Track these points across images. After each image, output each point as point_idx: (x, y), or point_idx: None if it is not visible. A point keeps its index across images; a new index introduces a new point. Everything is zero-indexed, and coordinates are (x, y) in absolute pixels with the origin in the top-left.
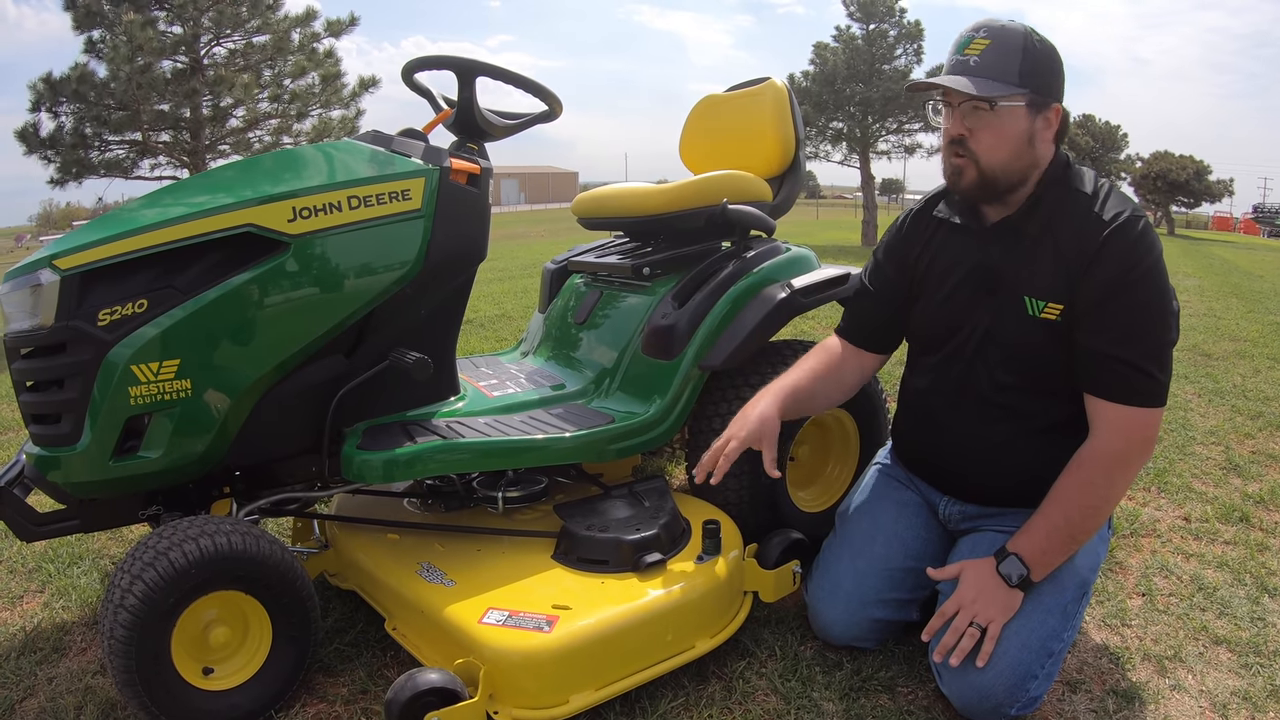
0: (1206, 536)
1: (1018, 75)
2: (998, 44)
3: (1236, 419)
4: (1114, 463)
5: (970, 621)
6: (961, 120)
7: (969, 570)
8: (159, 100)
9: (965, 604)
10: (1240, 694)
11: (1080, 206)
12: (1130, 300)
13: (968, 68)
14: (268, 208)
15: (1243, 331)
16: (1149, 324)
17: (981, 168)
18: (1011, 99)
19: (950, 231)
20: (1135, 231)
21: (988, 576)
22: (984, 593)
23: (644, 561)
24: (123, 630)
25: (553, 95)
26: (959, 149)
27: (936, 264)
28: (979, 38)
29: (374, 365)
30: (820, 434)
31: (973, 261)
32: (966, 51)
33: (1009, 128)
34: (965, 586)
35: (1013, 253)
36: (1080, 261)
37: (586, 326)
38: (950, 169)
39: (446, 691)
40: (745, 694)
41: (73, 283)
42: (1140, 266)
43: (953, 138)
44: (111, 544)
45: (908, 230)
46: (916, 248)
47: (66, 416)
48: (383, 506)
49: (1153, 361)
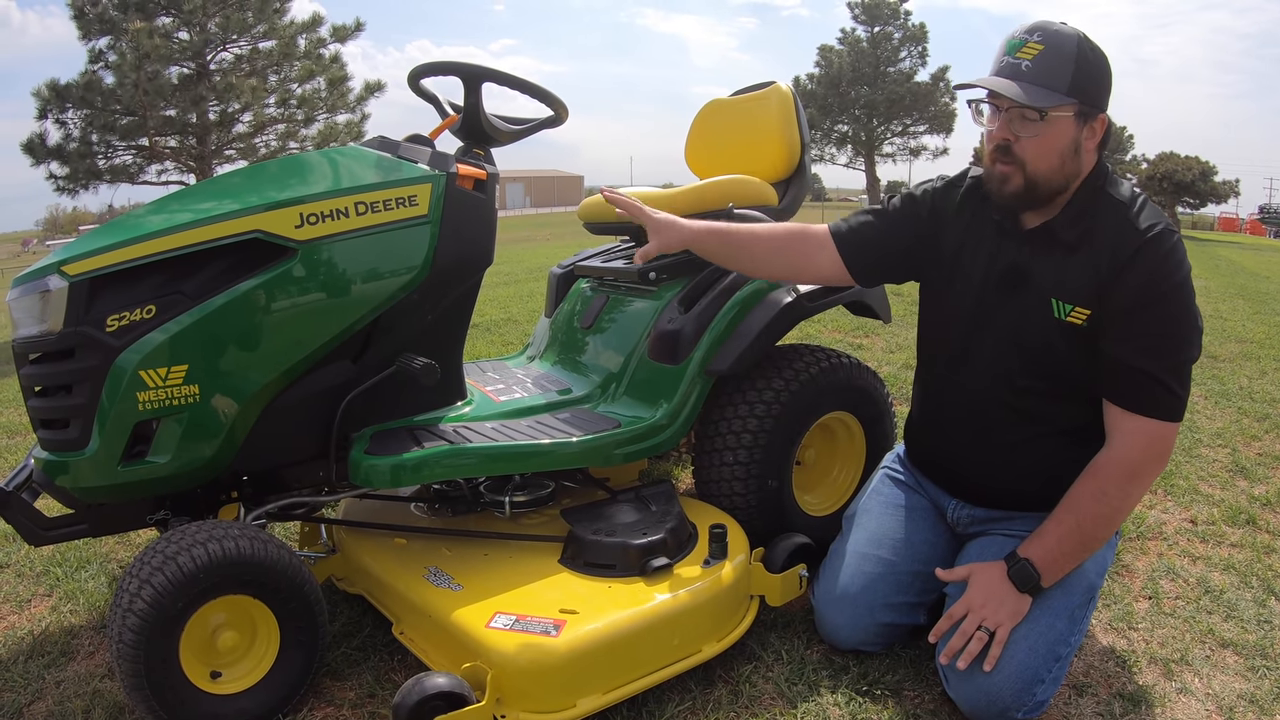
0: (1213, 539)
1: (1069, 84)
2: (1051, 50)
3: (1243, 421)
4: (1128, 473)
5: (979, 625)
6: (1008, 125)
7: (978, 574)
8: (166, 106)
9: (974, 607)
10: (1247, 697)
11: (1117, 214)
12: (1160, 312)
13: (1019, 72)
14: (275, 214)
15: (1249, 333)
16: (1175, 338)
17: (1027, 175)
18: (1061, 109)
19: (986, 225)
20: (1169, 244)
21: (998, 581)
22: (993, 597)
23: (651, 566)
24: (131, 634)
25: (558, 100)
26: (1004, 155)
27: (965, 253)
28: (1033, 41)
29: (381, 370)
30: (826, 438)
31: (1005, 260)
32: (1019, 54)
33: (1056, 137)
34: (974, 590)
35: (1046, 255)
36: (1113, 267)
37: (593, 331)
38: (996, 177)
39: (454, 695)
40: (752, 698)
41: (81, 288)
42: (1171, 280)
43: (998, 143)
44: (119, 548)
45: (949, 202)
46: (950, 223)
47: (75, 421)
48: (390, 511)
49: (1174, 376)
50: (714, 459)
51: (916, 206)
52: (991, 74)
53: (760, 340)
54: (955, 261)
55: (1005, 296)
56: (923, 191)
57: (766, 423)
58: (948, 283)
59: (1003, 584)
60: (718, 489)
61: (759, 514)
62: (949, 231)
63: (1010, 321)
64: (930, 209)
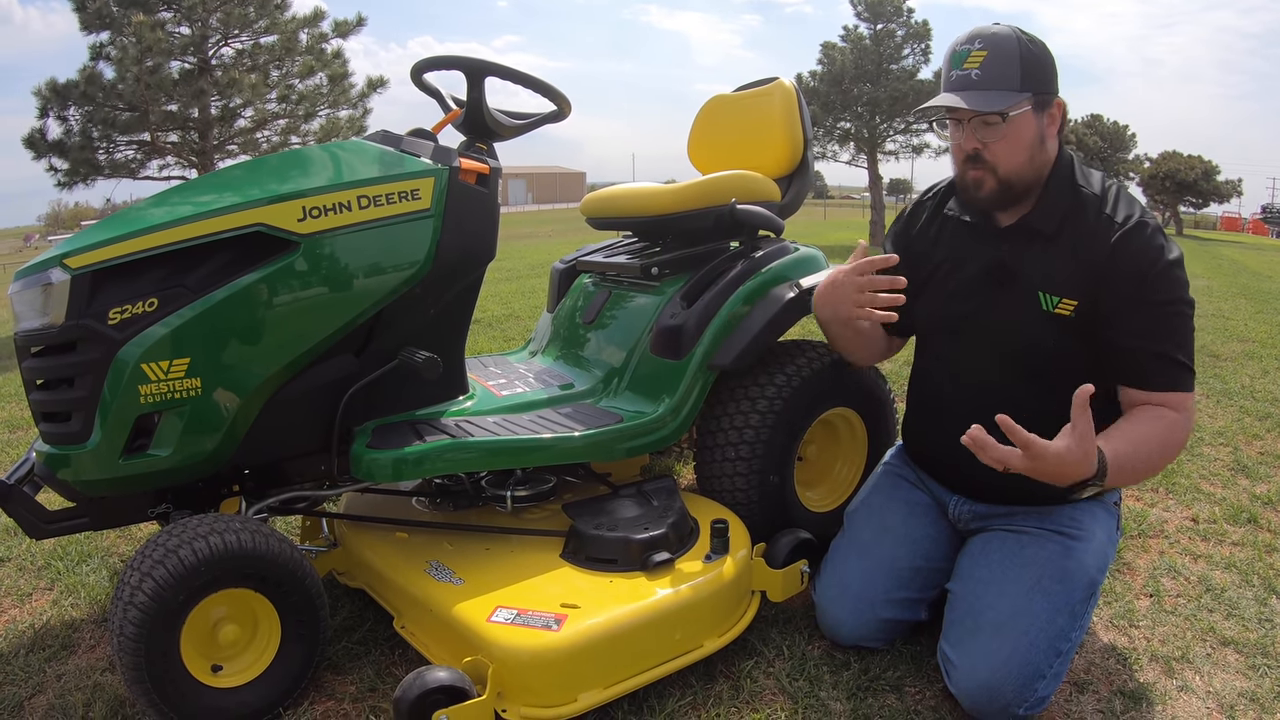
0: (1214, 538)
1: (1019, 81)
2: (995, 53)
3: (1245, 420)
4: (1176, 434)
5: (1009, 468)
6: (974, 134)
7: (1069, 447)
8: (167, 101)
9: (1036, 455)
10: (1248, 695)
11: (1091, 207)
12: (1160, 297)
13: (970, 82)
14: (278, 207)
15: (1251, 332)
16: (1180, 316)
17: (1000, 176)
18: (1018, 107)
19: (960, 227)
20: (1149, 231)
21: (1079, 464)
22: (1056, 467)
23: (652, 560)
24: (132, 627)
25: (561, 95)
26: (974, 164)
27: (945, 258)
28: (975, 50)
29: (383, 364)
30: (828, 433)
31: (985, 258)
32: (966, 65)
33: (1021, 134)
34: (1051, 453)
35: (1027, 249)
36: (1097, 261)
37: (595, 326)
38: (970, 183)
39: (455, 689)
40: (753, 693)
41: (83, 281)
42: (1160, 264)
43: (967, 154)
44: (120, 542)
45: (915, 222)
46: (923, 241)
47: (76, 415)
48: (391, 505)
49: (1185, 351)
50: (716, 454)
51: (912, 238)
52: (945, 90)
53: (763, 336)
54: (942, 269)
55: (994, 294)
56: (906, 216)
57: (768, 418)
58: (938, 288)
59: (1073, 471)
60: (719, 484)
61: (760, 509)
62: (930, 246)
63: (1001, 317)
64: (922, 230)
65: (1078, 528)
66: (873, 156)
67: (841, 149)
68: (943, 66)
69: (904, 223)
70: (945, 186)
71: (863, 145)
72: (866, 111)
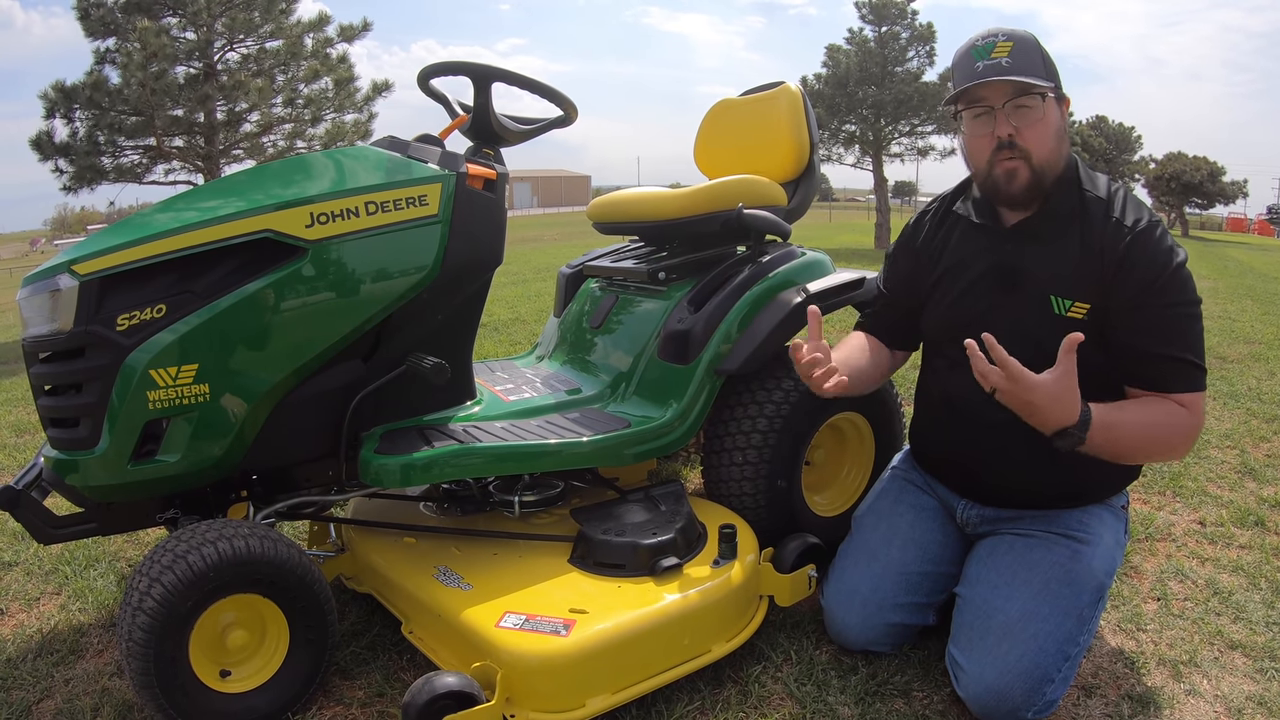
0: (1222, 541)
1: (1044, 70)
2: (1020, 45)
3: (1252, 422)
4: (1182, 424)
5: (997, 390)
6: (1006, 120)
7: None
8: (173, 105)
9: (1013, 377)
10: (1255, 699)
11: (1098, 210)
12: (1169, 299)
13: (1003, 69)
14: (286, 213)
15: (1258, 334)
16: (1189, 317)
17: (1034, 164)
18: (1049, 92)
19: (967, 229)
20: (1157, 234)
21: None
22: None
23: (660, 565)
24: (141, 633)
25: (567, 100)
26: (1009, 151)
27: (953, 261)
28: (1001, 41)
29: (391, 370)
30: (835, 438)
31: (992, 260)
32: (994, 55)
33: (1051, 120)
34: (1029, 380)
35: (1035, 252)
36: (1107, 265)
37: (602, 331)
38: (1002, 175)
39: (463, 695)
40: (761, 698)
41: (91, 287)
42: (1170, 267)
43: (1001, 140)
44: (129, 547)
45: (919, 231)
46: (931, 245)
47: (85, 420)
48: (399, 510)
49: (1195, 351)
50: (723, 459)
51: (919, 244)
52: (979, 78)
53: (770, 340)
54: (950, 273)
55: (1002, 295)
56: (915, 224)
57: (776, 423)
58: (946, 291)
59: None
60: (727, 489)
61: (768, 514)
62: (938, 251)
63: (1010, 320)
64: (929, 235)
65: (1085, 531)
66: (878, 159)
67: (846, 151)
68: (959, 64)
69: (909, 234)
70: (951, 192)
71: (868, 148)
72: (871, 114)
